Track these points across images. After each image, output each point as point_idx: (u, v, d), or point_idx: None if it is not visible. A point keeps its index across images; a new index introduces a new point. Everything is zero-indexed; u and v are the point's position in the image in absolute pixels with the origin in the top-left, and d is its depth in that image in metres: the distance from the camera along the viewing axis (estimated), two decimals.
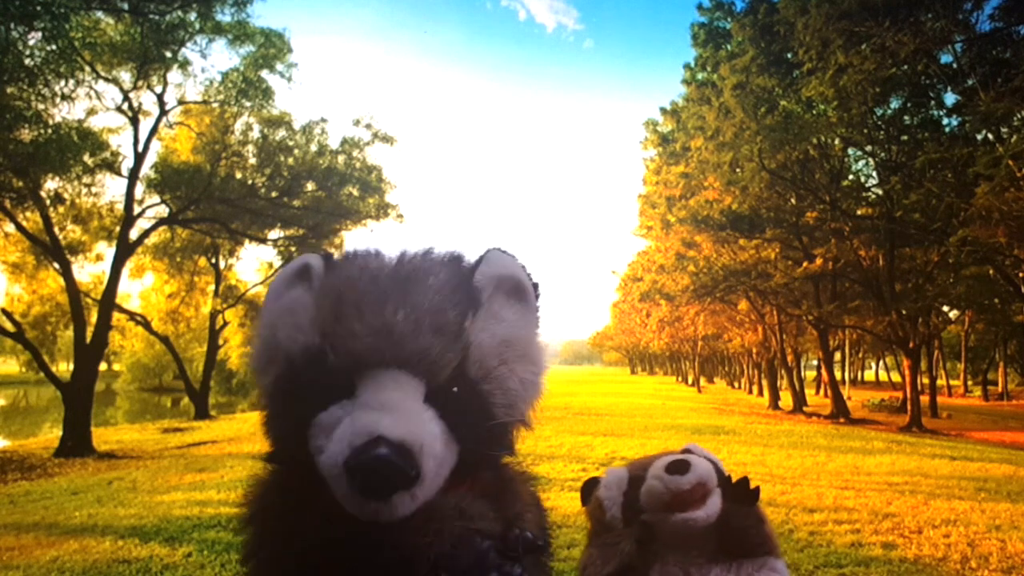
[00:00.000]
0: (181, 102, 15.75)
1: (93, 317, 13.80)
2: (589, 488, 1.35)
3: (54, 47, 9.85)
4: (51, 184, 12.42)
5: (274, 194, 16.64)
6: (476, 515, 0.80)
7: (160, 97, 15.06)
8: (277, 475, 0.88)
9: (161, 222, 16.27)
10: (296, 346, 0.80)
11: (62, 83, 10.62)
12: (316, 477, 0.76)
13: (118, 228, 14.65)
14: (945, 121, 17.41)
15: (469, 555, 0.76)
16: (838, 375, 24.51)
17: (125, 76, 13.94)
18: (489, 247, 0.92)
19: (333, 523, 0.76)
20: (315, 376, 0.78)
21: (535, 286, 0.92)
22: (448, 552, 0.76)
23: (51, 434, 17.06)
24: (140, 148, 14.58)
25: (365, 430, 0.72)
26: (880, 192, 18.49)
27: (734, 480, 1.23)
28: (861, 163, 20.87)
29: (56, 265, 14.20)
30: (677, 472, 1.15)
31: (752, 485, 1.23)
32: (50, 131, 10.10)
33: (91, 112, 13.91)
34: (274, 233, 19.17)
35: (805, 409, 22.03)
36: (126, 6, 11.81)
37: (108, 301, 13.89)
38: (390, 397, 0.76)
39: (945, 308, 24.77)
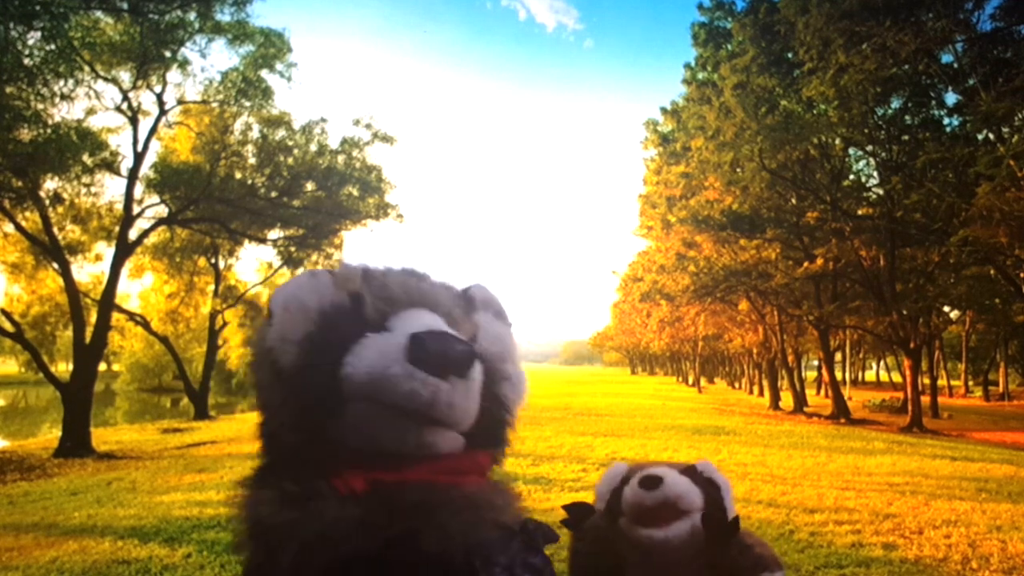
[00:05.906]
0: (180, 102, 15.71)
1: (92, 317, 13.76)
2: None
3: (53, 47, 9.82)
4: (50, 184, 12.42)
5: (274, 194, 16.61)
6: (499, 507, 0.80)
7: (159, 97, 15.03)
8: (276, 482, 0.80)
9: (160, 222, 16.24)
10: (326, 303, 0.80)
11: (61, 83, 10.59)
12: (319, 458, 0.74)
13: (117, 228, 14.61)
14: (946, 121, 17.42)
15: (500, 546, 0.76)
16: (839, 375, 24.49)
17: (124, 76, 13.91)
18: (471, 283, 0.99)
19: (358, 526, 0.70)
20: (352, 315, 0.79)
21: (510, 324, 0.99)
22: (482, 542, 0.75)
23: (50, 434, 17.05)
24: (139, 148, 14.55)
25: (425, 325, 0.75)
26: (881, 192, 18.46)
27: (730, 513, 1.18)
28: (862, 163, 20.88)
29: (55, 265, 14.16)
30: (647, 487, 1.13)
31: (732, 515, 1.17)
32: (49, 131, 10.07)
33: (90, 112, 13.84)
34: (274, 233, 19.14)
35: (806, 409, 22.01)
36: (126, 6, 11.78)
37: (107, 301, 13.87)
38: (432, 320, 0.79)
39: (946, 308, 24.75)
